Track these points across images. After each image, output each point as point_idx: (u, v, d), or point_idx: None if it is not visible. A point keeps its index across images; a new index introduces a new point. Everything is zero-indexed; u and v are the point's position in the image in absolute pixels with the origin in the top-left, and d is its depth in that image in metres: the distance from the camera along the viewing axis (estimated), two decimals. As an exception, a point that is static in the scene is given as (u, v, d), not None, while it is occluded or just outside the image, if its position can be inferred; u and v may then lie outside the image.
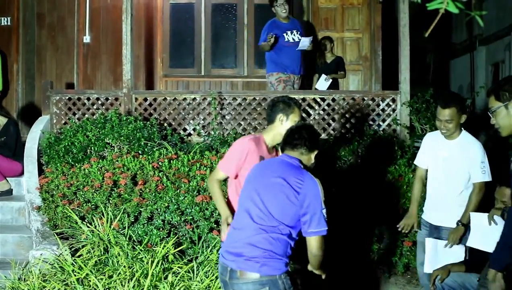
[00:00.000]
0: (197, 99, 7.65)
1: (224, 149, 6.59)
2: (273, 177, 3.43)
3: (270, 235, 3.31)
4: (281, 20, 8.25)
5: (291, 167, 3.47)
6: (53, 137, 7.07)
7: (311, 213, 3.30)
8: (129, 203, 5.75)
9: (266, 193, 3.41)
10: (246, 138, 4.10)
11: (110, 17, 9.95)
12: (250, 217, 3.40)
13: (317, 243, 3.33)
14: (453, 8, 1.74)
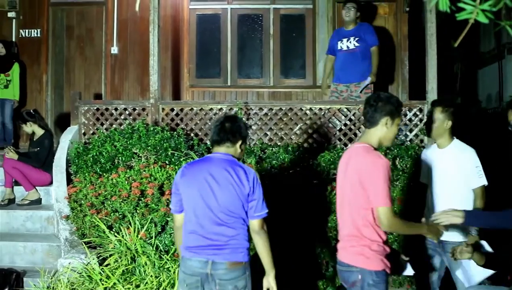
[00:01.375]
0: (223, 109, 7.68)
1: (251, 159, 6.59)
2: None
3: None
4: (345, 26, 8.25)
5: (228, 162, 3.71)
6: (82, 147, 7.15)
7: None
8: (156, 213, 5.78)
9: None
10: (378, 156, 3.55)
11: (137, 28, 10.08)
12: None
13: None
14: (483, 18, 1.72)
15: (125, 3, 10.18)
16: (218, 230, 3.60)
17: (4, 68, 9.71)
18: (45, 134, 7.63)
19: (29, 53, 10.42)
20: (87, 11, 10.49)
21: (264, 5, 10.22)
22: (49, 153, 7.52)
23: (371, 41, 8.09)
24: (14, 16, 10.39)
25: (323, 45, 9.92)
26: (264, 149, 7.11)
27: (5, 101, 9.66)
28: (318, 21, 10.05)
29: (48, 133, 7.69)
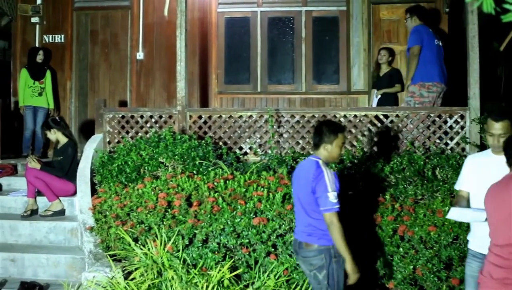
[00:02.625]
0: (253, 117, 7.69)
1: (282, 169, 6.59)
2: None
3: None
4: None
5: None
6: (106, 156, 7.22)
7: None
8: (184, 224, 5.80)
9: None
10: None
11: (164, 32, 10.18)
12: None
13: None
14: (531, 20, 1.70)
15: (151, 6, 10.30)
16: (300, 217, 4.59)
17: (39, 75, 9.89)
18: (68, 143, 7.72)
19: (52, 59, 10.59)
20: (112, 15, 10.64)
21: (296, 7, 10.25)
22: (73, 162, 7.60)
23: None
24: (37, 22, 10.59)
25: (357, 48, 9.93)
26: (296, 158, 7.10)
27: (39, 109, 9.81)
28: (352, 23, 10.04)
29: (72, 142, 7.77)
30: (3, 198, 7.76)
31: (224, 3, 10.36)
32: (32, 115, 9.78)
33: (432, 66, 7.90)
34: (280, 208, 5.72)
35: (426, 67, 7.89)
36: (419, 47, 7.93)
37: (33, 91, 9.78)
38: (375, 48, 9.93)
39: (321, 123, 4.68)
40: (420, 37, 7.97)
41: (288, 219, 5.64)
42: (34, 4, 10.59)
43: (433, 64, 7.91)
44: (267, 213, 5.71)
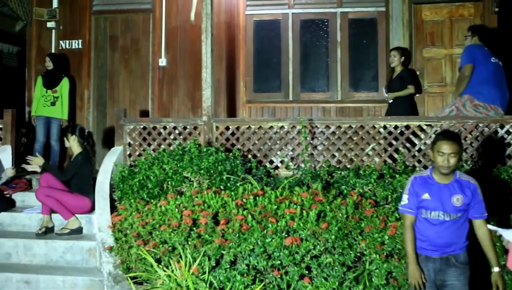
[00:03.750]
0: (285, 128, 7.68)
1: (316, 184, 6.56)
2: None
3: None
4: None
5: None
6: (127, 170, 7.27)
7: None
8: (210, 244, 5.80)
9: None
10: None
11: (188, 37, 10.25)
12: None
13: None
14: None
15: (174, 9, 10.39)
16: None
17: (51, 84, 9.92)
18: (81, 152, 7.80)
19: (69, 66, 10.72)
20: (132, 19, 10.75)
21: (330, 8, 10.25)
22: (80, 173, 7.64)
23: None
24: (53, 27, 10.75)
25: (398, 53, 9.85)
26: (332, 172, 7.06)
27: (52, 120, 9.84)
28: (391, 25, 9.98)
29: (83, 151, 7.81)
30: (17, 215, 7.83)
31: (253, 5, 10.41)
32: (43, 126, 9.82)
33: (489, 87, 7.72)
34: (314, 226, 5.69)
35: (482, 87, 7.74)
36: (471, 66, 7.80)
37: (45, 101, 9.84)
38: (417, 52, 9.88)
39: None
40: (472, 55, 7.84)
41: (323, 238, 5.60)
42: (50, 8, 10.76)
43: (490, 85, 7.73)
44: (301, 232, 5.68)
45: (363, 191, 6.58)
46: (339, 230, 5.63)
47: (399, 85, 8.80)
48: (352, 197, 6.16)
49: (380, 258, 5.51)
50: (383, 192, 6.47)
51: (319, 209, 5.86)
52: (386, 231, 5.64)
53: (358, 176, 6.76)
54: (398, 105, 8.66)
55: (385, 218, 5.86)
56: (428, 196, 4.75)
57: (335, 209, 5.93)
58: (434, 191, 4.75)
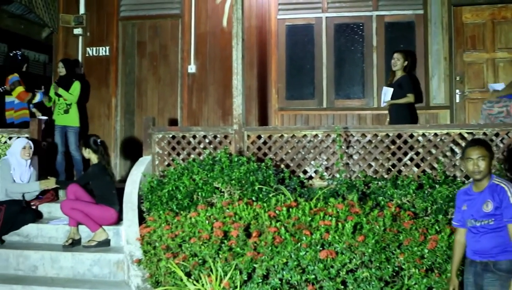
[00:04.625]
0: (319, 136, 7.68)
1: (352, 195, 6.54)
2: None
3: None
4: None
5: None
6: (156, 181, 7.32)
7: None
8: (242, 258, 5.80)
9: None
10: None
11: (218, 43, 10.32)
12: None
13: None
14: None
15: (204, 14, 10.46)
16: None
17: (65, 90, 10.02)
18: (95, 164, 7.94)
19: (96, 73, 10.88)
20: (160, 24, 10.86)
21: (366, 12, 10.23)
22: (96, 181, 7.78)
23: None
24: (80, 33, 10.92)
25: (436, 57, 9.81)
26: (368, 183, 7.03)
27: (67, 128, 9.95)
28: (430, 28, 9.95)
29: (100, 163, 7.90)
30: (43, 226, 7.94)
31: (285, 9, 10.43)
32: (60, 135, 9.93)
33: None
34: (350, 239, 5.66)
35: None
36: None
37: (59, 109, 9.97)
38: (457, 56, 9.82)
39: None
40: None
41: (360, 252, 5.57)
42: (77, 14, 10.92)
43: None
44: (336, 245, 5.65)
45: (401, 202, 6.54)
46: (376, 243, 5.60)
47: (397, 91, 8.85)
48: (390, 208, 6.12)
49: (419, 272, 5.47)
50: (423, 204, 6.43)
51: (355, 221, 5.84)
52: (425, 245, 5.60)
53: (395, 187, 6.72)
54: (398, 114, 8.68)
55: (424, 231, 5.81)
56: (466, 207, 4.98)
57: (372, 221, 5.90)
58: (470, 201, 4.96)
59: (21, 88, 9.71)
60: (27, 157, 8.22)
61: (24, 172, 8.21)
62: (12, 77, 9.76)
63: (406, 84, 8.96)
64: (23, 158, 8.20)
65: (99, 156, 7.86)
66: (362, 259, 5.57)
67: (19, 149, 8.19)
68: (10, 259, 7.30)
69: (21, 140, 8.34)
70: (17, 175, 8.15)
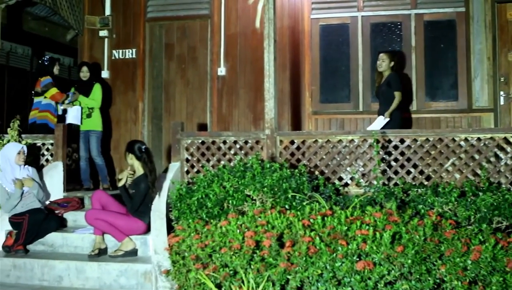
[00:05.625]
0: (355, 141, 7.66)
1: (390, 203, 6.51)
2: None
3: None
4: None
5: None
6: (184, 188, 7.35)
7: None
8: (275, 269, 5.80)
9: None
10: None
11: (249, 44, 10.36)
12: None
13: None
14: None
15: (234, 15, 10.51)
16: None
17: (85, 95, 10.13)
18: (143, 177, 7.81)
19: (123, 77, 10.98)
20: (189, 26, 10.93)
21: (403, 10, 10.17)
22: (145, 197, 7.72)
23: None
24: (106, 35, 11.03)
25: (479, 57, 9.73)
26: (407, 190, 6.99)
27: (90, 133, 10.07)
28: (472, 27, 9.87)
29: (146, 177, 7.81)
30: (68, 235, 8.01)
31: (319, 8, 10.42)
32: (83, 141, 10.05)
33: None
34: (389, 250, 5.63)
35: None
36: None
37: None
38: (501, 56, 9.71)
39: None
40: None
41: (399, 263, 5.54)
42: (103, 16, 11.03)
43: None
44: (373, 256, 5.63)
45: (443, 211, 6.50)
46: (416, 253, 5.56)
47: (386, 91, 8.92)
48: (430, 217, 6.08)
49: (462, 285, 5.42)
50: (465, 212, 6.38)
51: (394, 231, 5.80)
52: (469, 255, 5.54)
53: (436, 194, 6.68)
54: (390, 117, 8.66)
55: (467, 241, 5.76)
56: None
57: (411, 230, 5.86)
58: None
59: (55, 89, 9.81)
60: (22, 162, 8.29)
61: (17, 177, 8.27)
62: (45, 80, 9.86)
63: (395, 82, 9.04)
64: (18, 163, 8.26)
65: (142, 164, 7.80)
66: (401, 270, 5.53)
67: (14, 154, 8.26)
68: (35, 269, 7.37)
69: (16, 145, 8.44)
70: (8, 179, 8.20)
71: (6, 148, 8.37)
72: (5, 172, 8.18)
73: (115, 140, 10.95)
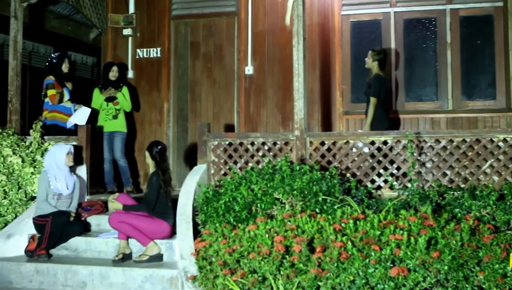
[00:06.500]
0: (388, 142, 7.63)
1: (425, 207, 6.47)
2: None
3: None
4: None
5: None
6: (211, 191, 7.37)
7: None
8: (305, 275, 5.79)
9: None
10: None
11: (277, 42, 10.36)
12: None
13: None
14: None
15: (261, 11, 10.52)
16: None
17: (112, 96, 10.21)
18: (154, 172, 7.87)
19: (147, 77, 11.04)
20: (215, 23, 10.96)
21: (438, 5, 10.11)
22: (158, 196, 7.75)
23: None
24: (130, 34, 11.09)
25: (519, 54, 9.63)
26: (443, 193, 6.96)
27: (115, 134, 10.13)
28: (511, 22, 9.76)
29: (156, 171, 7.86)
30: (92, 240, 8.05)
31: (350, 4, 10.39)
32: (108, 142, 10.11)
33: None
34: (424, 255, 5.61)
35: None
36: None
37: (107, 114, 10.14)
38: (542, 53, 9.63)
39: None
40: None
41: (435, 269, 5.52)
42: (126, 14, 11.10)
43: None
44: (408, 261, 5.61)
45: (480, 215, 6.46)
46: (452, 259, 5.53)
47: (368, 92, 9.06)
48: (468, 221, 6.05)
49: (501, 292, 5.39)
50: (504, 216, 6.34)
51: (429, 236, 5.78)
52: (508, 261, 5.52)
53: (474, 197, 6.64)
54: (377, 120, 8.68)
55: (507, 246, 5.73)
56: None
57: (447, 235, 5.83)
58: None
59: (52, 91, 9.80)
60: (72, 163, 8.34)
61: (69, 181, 8.30)
62: (47, 80, 9.86)
63: (373, 85, 9.08)
64: (68, 165, 8.30)
65: (155, 163, 7.85)
66: (437, 277, 5.51)
67: (63, 156, 8.29)
68: (58, 274, 7.42)
69: (63, 147, 8.45)
70: (62, 184, 8.27)
71: (53, 150, 8.38)
72: (55, 173, 8.23)
73: (139, 141, 11.00)
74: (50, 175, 8.17)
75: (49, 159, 8.28)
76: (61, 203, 8.18)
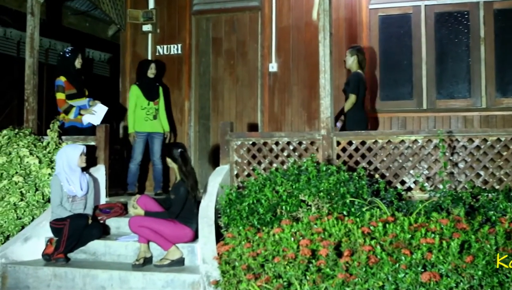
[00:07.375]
0: (418, 142, 7.60)
1: (458, 209, 6.44)
2: None
3: None
4: None
5: None
6: (234, 193, 7.38)
7: None
8: (332, 280, 5.79)
9: None
10: None
11: (302, 38, 10.36)
12: None
13: None
14: None
15: (286, 5, 10.52)
16: None
17: (153, 95, 10.23)
18: (181, 181, 7.84)
19: (167, 74, 11.09)
20: (238, 18, 10.97)
21: (472, -2, 10.06)
22: (185, 204, 7.75)
23: None
24: (150, 30, 11.14)
25: (557, 49, 9.56)
26: (477, 195, 6.92)
27: (154, 135, 10.17)
28: (548, 15, 9.73)
29: (182, 180, 7.83)
30: (111, 243, 8.09)
31: (378, -3, 10.38)
32: (143, 143, 10.08)
33: None
34: (456, 260, 5.58)
35: None
36: None
37: (148, 114, 10.12)
38: None
39: None
40: None
41: (468, 275, 5.48)
42: (146, 10, 11.15)
43: None
44: (440, 266, 5.59)
45: (516, 218, 6.42)
46: (487, 264, 5.50)
47: (347, 90, 9.07)
48: (503, 224, 6.00)
49: (539, 299, 5.36)
50: (541, 219, 6.29)
51: (462, 239, 5.75)
52: (545, 266, 5.48)
53: (509, 199, 6.60)
54: (353, 117, 8.82)
55: (544, 251, 5.68)
56: None
57: (481, 239, 5.79)
58: None
59: (61, 95, 9.73)
60: (84, 164, 8.36)
61: (82, 181, 8.32)
62: (57, 80, 9.83)
63: (352, 82, 9.08)
64: (80, 166, 8.32)
65: (178, 167, 7.84)
66: (470, 283, 5.48)
67: (76, 156, 8.29)
68: (76, 278, 7.46)
69: (76, 147, 8.46)
70: (76, 185, 8.28)
71: (66, 151, 8.37)
72: (66, 175, 8.27)
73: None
74: (62, 178, 8.18)
75: (61, 159, 8.29)
76: (76, 205, 8.22)
